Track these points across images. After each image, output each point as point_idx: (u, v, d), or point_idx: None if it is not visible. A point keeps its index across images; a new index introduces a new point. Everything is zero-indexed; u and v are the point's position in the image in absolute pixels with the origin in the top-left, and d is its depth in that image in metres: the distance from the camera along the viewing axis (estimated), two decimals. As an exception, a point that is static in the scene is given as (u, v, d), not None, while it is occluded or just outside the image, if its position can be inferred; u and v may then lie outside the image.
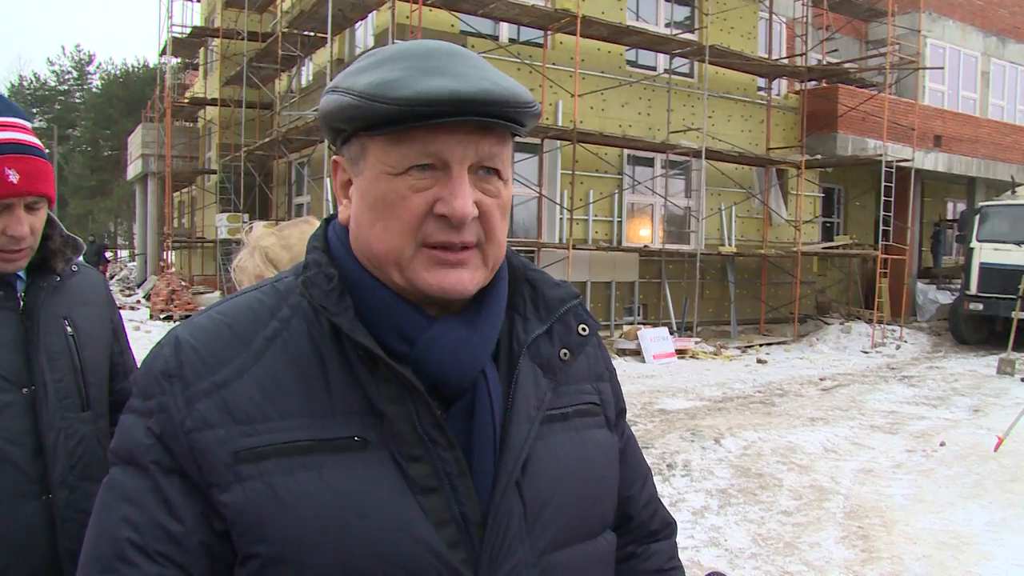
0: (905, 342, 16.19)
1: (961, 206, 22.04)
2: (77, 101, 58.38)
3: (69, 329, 1.80)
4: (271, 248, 1.75)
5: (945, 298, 19.48)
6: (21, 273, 1.77)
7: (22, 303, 1.74)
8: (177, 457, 0.89)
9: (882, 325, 16.54)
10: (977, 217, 16.17)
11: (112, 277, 28.28)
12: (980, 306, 15.54)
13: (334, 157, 0.99)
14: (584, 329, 1.07)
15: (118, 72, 56.45)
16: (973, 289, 15.68)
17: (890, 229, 16.69)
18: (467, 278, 0.93)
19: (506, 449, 0.94)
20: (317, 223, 1.74)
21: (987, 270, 15.46)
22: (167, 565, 0.88)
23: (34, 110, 56.10)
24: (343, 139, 0.94)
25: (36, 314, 1.74)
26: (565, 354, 1.04)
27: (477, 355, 0.95)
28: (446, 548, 0.89)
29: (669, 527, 1.24)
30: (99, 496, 0.94)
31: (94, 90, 56.89)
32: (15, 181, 1.65)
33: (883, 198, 16.28)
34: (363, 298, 0.94)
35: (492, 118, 0.89)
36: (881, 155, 16.33)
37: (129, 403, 0.95)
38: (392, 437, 0.90)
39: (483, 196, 0.92)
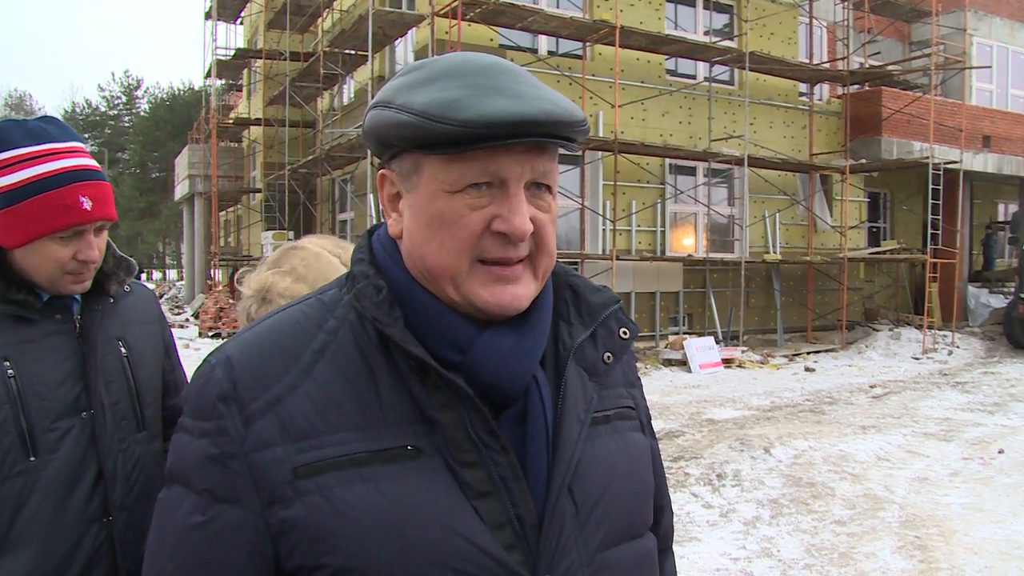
0: (957, 347, 15.83)
1: (1013, 207, 21.55)
2: (126, 125, 59.99)
3: (123, 350, 1.79)
4: (289, 288, 1.60)
5: (998, 302, 19.06)
6: (76, 295, 1.75)
7: (78, 326, 1.73)
8: (234, 480, 0.90)
9: (933, 330, 16.20)
10: (1030, 218, 15.82)
11: (161, 296, 28.81)
12: (1035, 309, 15.18)
13: (382, 171, 1.00)
14: (625, 332, 1.08)
15: (165, 96, 58.06)
16: (1028, 292, 15.33)
17: (939, 232, 16.35)
18: (522, 292, 0.95)
19: (559, 451, 0.96)
20: (309, 246, 1.70)
21: (1042, 272, 15.11)
22: None
23: (86, 135, 57.65)
24: (393, 154, 0.95)
25: (92, 337, 1.73)
26: (608, 357, 1.06)
27: (528, 361, 0.97)
28: (503, 551, 0.90)
29: (670, 543, 1.27)
30: (155, 515, 0.96)
31: (142, 114, 58.49)
32: (89, 208, 1.66)
33: (931, 201, 15.97)
34: (413, 309, 0.95)
35: (551, 138, 0.90)
36: (928, 157, 16.02)
37: (182, 422, 0.95)
38: (445, 444, 0.91)
39: (537, 212, 0.94)
